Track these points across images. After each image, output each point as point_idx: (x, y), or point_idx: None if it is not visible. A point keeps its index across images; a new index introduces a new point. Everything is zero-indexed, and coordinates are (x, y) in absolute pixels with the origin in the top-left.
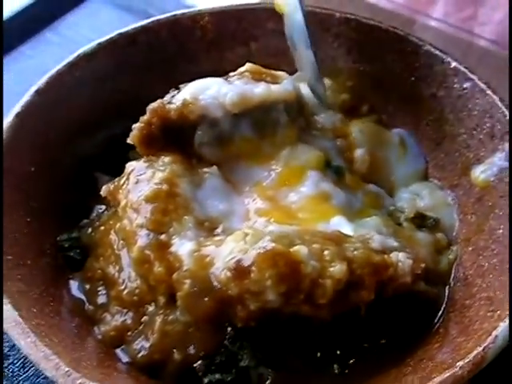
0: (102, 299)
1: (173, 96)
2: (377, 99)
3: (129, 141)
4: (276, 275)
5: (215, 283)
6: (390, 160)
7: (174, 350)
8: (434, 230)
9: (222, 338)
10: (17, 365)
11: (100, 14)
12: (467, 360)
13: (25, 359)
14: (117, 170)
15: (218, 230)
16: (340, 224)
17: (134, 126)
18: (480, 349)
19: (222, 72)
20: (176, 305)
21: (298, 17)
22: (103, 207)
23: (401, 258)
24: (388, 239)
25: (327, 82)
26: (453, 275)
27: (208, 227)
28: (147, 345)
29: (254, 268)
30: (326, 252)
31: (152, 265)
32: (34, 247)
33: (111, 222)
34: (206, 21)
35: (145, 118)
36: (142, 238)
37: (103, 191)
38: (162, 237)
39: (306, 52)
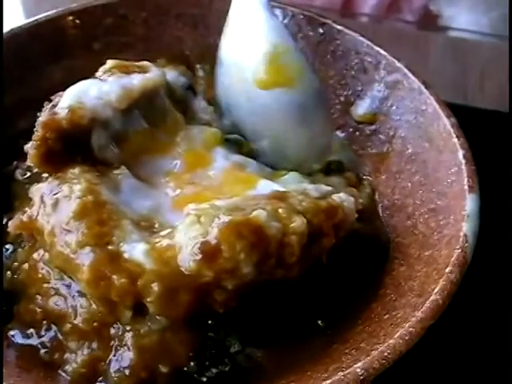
0: (54, 339)
1: (52, 106)
2: None
3: (28, 163)
4: (246, 246)
5: (185, 274)
6: None
7: (159, 365)
8: (341, 172)
9: (203, 332)
10: None
11: None
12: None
13: None
14: None
15: (156, 226)
16: (267, 186)
17: (26, 146)
18: (457, 251)
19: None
20: (143, 315)
21: None
22: (10, 247)
23: (344, 198)
24: (320, 186)
25: None
26: (380, 208)
27: (145, 226)
28: (128, 367)
29: (222, 245)
30: (280, 210)
31: (110, 280)
32: None
33: (34, 257)
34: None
35: (38, 134)
36: (88, 256)
37: (12, 227)
38: (110, 247)
39: None
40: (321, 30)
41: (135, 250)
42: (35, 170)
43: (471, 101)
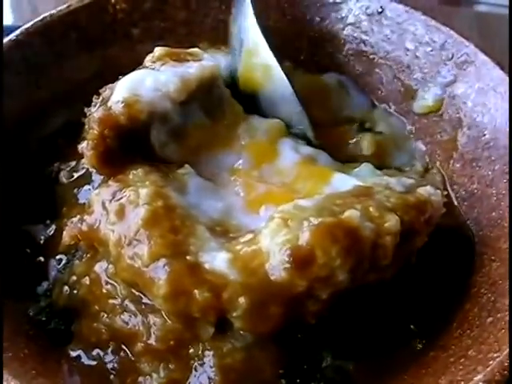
0: (124, 361)
1: (103, 100)
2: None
3: (86, 165)
4: (341, 250)
5: (275, 284)
6: (337, 104)
7: None
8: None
9: (293, 346)
10: None
11: None
12: None
13: None
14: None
15: (232, 231)
16: (342, 180)
17: (81, 146)
18: None
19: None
20: (225, 331)
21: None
22: (63, 258)
23: (431, 191)
24: (402, 178)
25: None
26: (454, 198)
27: (220, 231)
28: None
29: (316, 251)
30: (371, 209)
31: (190, 294)
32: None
33: (96, 270)
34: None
35: (94, 132)
36: (164, 269)
37: (69, 237)
38: (188, 258)
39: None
40: (379, 9)
41: (216, 260)
42: (82, 172)
43: None
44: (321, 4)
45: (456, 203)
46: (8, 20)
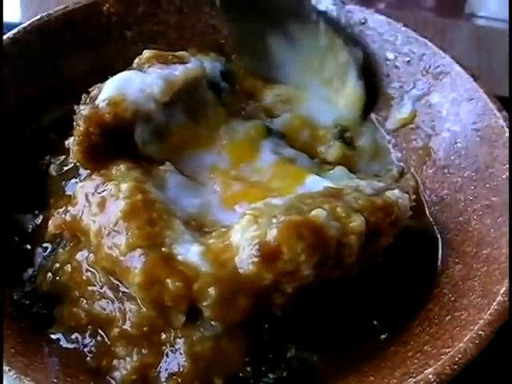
0: (100, 345)
1: (91, 99)
2: None
3: (71, 159)
4: (307, 247)
5: (244, 277)
6: None
7: (214, 373)
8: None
9: (260, 336)
10: None
11: None
12: None
13: None
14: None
15: (207, 226)
16: (317, 182)
17: (67, 142)
18: None
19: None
20: (196, 320)
21: None
22: (48, 246)
23: (399, 195)
24: (372, 182)
25: None
26: (426, 203)
27: (196, 225)
28: (180, 375)
29: (282, 247)
30: (338, 209)
31: (163, 283)
32: None
33: (78, 258)
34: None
35: (81, 129)
36: (140, 259)
37: (53, 226)
38: (163, 249)
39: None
40: (362, 20)
41: (189, 252)
42: (70, 166)
43: (496, 91)
44: None
45: (427, 207)
46: (16, 18)
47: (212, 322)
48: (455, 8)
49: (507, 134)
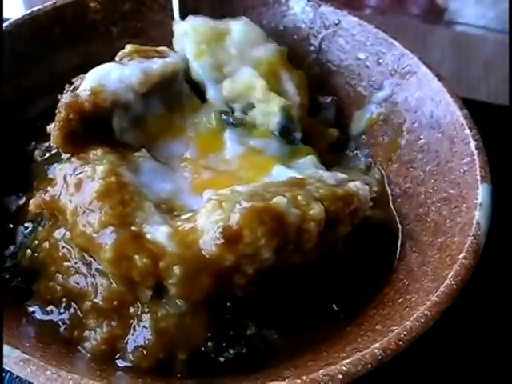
0: (73, 317)
1: (74, 88)
2: None
3: (51, 143)
4: (267, 231)
5: (207, 258)
6: None
7: (178, 347)
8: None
9: (222, 314)
10: None
11: None
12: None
13: None
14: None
15: (176, 209)
16: (283, 172)
17: (48, 127)
18: (471, 238)
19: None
20: (162, 298)
21: None
22: (30, 225)
23: (359, 186)
24: (336, 173)
25: None
26: (390, 196)
27: (166, 209)
28: (146, 348)
29: (244, 231)
30: (299, 197)
31: (132, 260)
32: None
33: (55, 236)
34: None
35: (61, 115)
36: (111, 236)
37: (34, 206)
38: (133, 228)
39: None
40: (336, 21)
41: (158, 232)
42: (54, 151)
43: (475, 95)
44: (284, 14)
45: (391, 200)
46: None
47: (177, 301)
48: (437, 15)
49: (467, 131)
